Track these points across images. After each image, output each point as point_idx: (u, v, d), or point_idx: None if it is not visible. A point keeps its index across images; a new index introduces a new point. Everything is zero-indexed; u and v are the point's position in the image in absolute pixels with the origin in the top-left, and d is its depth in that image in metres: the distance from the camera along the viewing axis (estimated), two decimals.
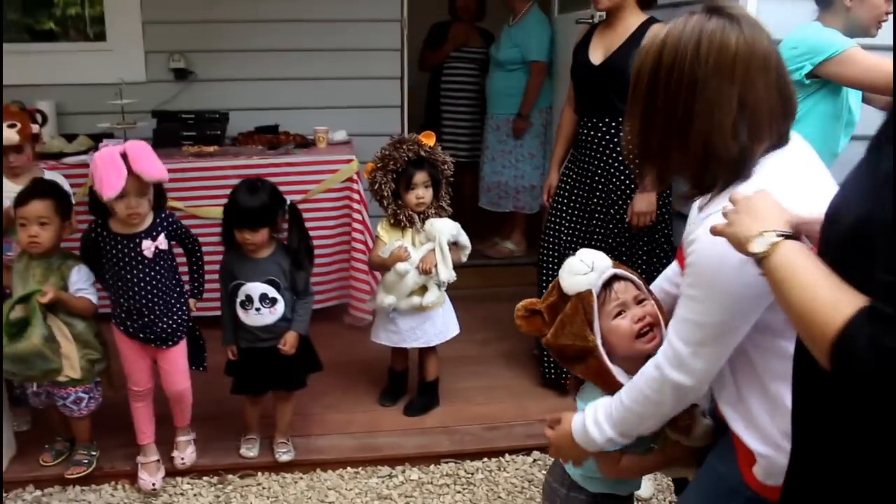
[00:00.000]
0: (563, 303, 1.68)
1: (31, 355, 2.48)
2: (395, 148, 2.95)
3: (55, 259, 2.64)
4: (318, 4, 4.51)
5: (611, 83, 2.93)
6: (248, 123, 4.42)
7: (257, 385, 2.84)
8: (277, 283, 2.70)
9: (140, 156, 2.47)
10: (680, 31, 1.36)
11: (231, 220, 2.69)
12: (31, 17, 6.22)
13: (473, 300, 4.01)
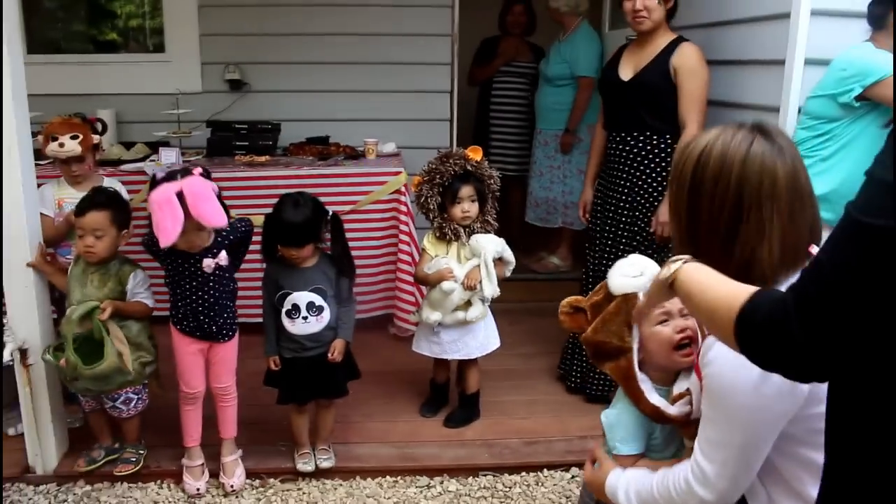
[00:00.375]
0: (607, 302, 1.73)
1: (111, 372, 2.58)
2: (441, 162, 2.98)
3: (113, 264, 2.72)
4: (370, 19, 4.59)
5: (639, 98, 3.13)
6: (299, 134, 4.51)
7: (303, 394, 2.86)
8: (324, 292, 2.74)
9: (198, 200, 2.42)
10: (726, 144, 1.36)
11: (276, 236, 2.72)
12: (96, 28, 6.42)
13: (518, 314, 4.03)
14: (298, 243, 2.68)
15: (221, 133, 4.27)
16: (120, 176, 3.70)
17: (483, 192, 3.01)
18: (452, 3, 4.60)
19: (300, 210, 2.66)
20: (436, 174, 2.97)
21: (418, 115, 4.68)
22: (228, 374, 2.85)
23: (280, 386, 2.86)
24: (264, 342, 2.83)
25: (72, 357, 2.54)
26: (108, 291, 2.69)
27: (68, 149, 3.01)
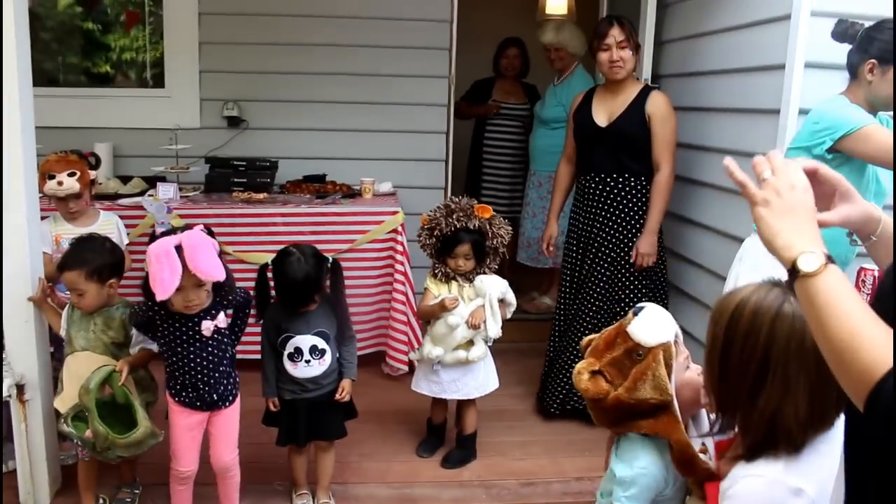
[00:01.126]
0: (630, 357, 1.71)
1: (145, 438, 2.51)
2: (446, 214, 2.99)
3: (115, 309, 2.68)
4: (369, 59, 4.64)
5: (617, 143, 3.39)
6: (296, 172, 4.54)
7: (302, 435, 2.83)
8: (327, 335, 2.74)
9: (196, 253, 2.33)
10: (759, 302, 1.40)
11: (284, 297, 2.71)
12: (89, 60, 6.45)
13: (511, 354, 4.04)
14: (306, 302, 2.69)
15: (220, 169, 4.29)
16: (118, 210, 3.71)
17: (482, 248, 3.03)
18: (450, 45, 4.66)
19: (303, 270, 2.61)
20: (436, 227, 3.00)
21: (414, 154, 4.72)
22: (230, 447, 2.69)
23: (279, 427, 2.83)
24: (262, 383, 2.80)
25: (101, 429, 2.45)
26: (113, 335, 2.65)
27: (67, 187, 3.02)
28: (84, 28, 6.09)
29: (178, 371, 2.56)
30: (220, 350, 2.59)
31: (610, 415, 1.77)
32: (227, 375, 2.63)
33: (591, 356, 1.78)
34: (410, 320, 3.90)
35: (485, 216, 2.99)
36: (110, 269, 2.64)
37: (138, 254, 3.76)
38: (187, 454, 2.63)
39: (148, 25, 5.46)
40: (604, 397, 1.74)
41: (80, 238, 2.75)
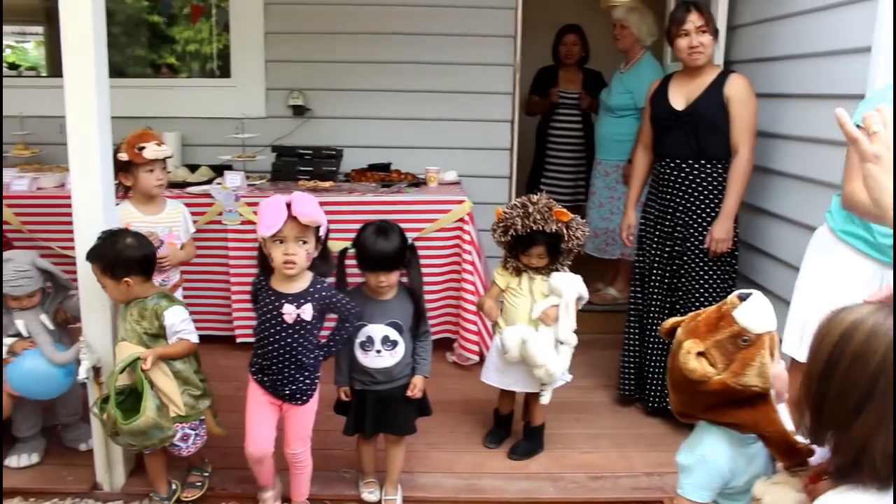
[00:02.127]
0: (735, 342, 1.66)
1: (149, 429, 2.50)
2: (523, 216, 2.90)
3: (150, 300, 2.64)
4: (433, 48, 4.62)
5: (694, 127, 3.32)
6: (361, 160, 4.55)
7: (370, 427, 2.79)
8: (400, 326, 2.69)
9: (301, 202, 2.38)
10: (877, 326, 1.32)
11: (364, 262, 2.63)
12: (155, 53, 6.58)
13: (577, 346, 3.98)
14: (389, 266, 2.61)
15: (286, 158, 4.32)
16: (185, 198, 3.75)
17: (556, 249, 2.96)
18: (515, 32, 4.62)
19: (391, 235, 2.61)
20: (511, 227, 2.92)
21: (479, 143, 4.70)
22: (300, 440, 2.68)
23: (348, 416, 2.82)
24: (335, 371, 2.79)
25: (112, 411, 2.49)
26: (146, 325, 2.63)
27: (161, 150, 3.09)
28: (150, 21, 6.21)
29: (259, 350, 2.60)
30: (299, 344, 2.53)
31: (708, 399, 1.71)
32: (302, 373, 2.58)
33: (691, 336, 1.72)
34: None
35: (563, 220, 2.90)
36: (125, 268, 2.57)
37: (205, 240, 3.86)
38: (256, 433, 2.62)
39: (213, 17, 5.54)
40: (708, 380, 1.68)
41: (106, 232, 2.68)
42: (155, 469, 2.81)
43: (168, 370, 2.63)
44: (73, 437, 3.16)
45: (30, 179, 4.12)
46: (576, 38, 5.19)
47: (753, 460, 1.80)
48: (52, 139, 4.52)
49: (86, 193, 2.69)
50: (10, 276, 2.81)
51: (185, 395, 2.66)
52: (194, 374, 2.70)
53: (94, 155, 2.66)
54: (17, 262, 2.85)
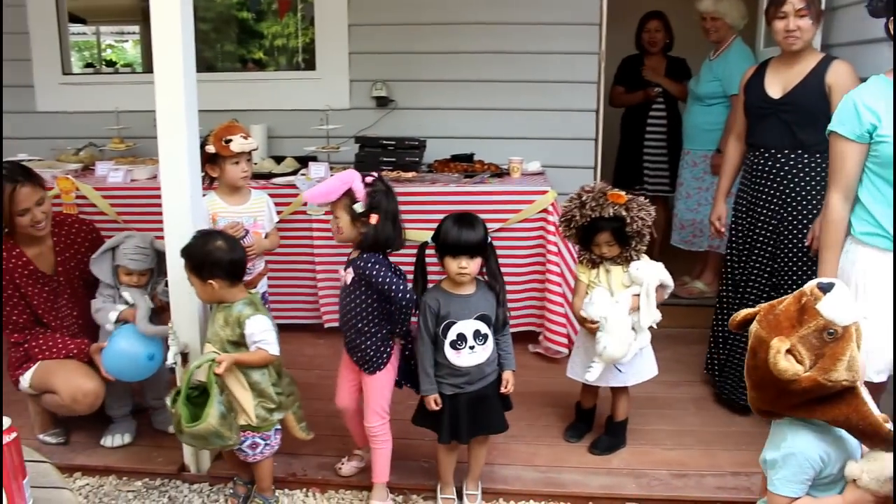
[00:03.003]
0: (821, 336, 1.60)
1: (208, 435, 2.49)
2: (579, 206, 2.86)
3: (235, 307, 2.62)
4: (516, 38, 4.59)
5: (792, 115, 3.18)
6: (444, 151, 4.55)
7: (465, 432, 2.69)
8: (489, 319, 2.64)
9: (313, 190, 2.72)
10: None
11: (446, 247, 2.58)
12: (244, 48, 6.74)
13: (662, 340, 3.85)
14: (471, 251, 2.55)
15: (369, 149, 4.35)
16: (271, 189, 3.82)
17: (622, 233, 2.86)
18: (600, 20, 4.52)
19: (473, 223, 2.57)
20: (571, 219, 2.88)
21: (563, 133, 4.63)
22: (375, 413, 2.75)
23: (439, 424, 2.69)
24: (420, 378, 2.68)
25: (178, 410, 2.51)
26: (229, 333, 2.62)
27: (247, 143, 3.14)
28: (239, 18, 6.36)
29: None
30: (350, 308, 2.68)
31: (795, 398, 1.65)
32: (362, 339, 2.69)
33: (774, 333, 1.65)
34: (565, 304, 3.84)
35: (619, 202, 2.83)
36: (210, 269, 2.58)
37: (290, 230, 3.92)
38: (340, 389, 2.88)
39: (299, 12, 5.63)
40: (798, 378, 1.61)
41: (200, 231, 2.73)
42: (233, 459, 2.85)
43: (244, 380, 2.61)
44: (161, 420, 3.27)
45: (124, 172, 4.27)
46: (659, 24, 5.06)
47: (841, 444, 1.75)
48: (146, 133, 4.68)
49: (174, 184, 2.77)
50: (132, 250, 3.02)
51: (259, 408, 2.63)
52: (271, 387, 2.66)
53: (182, 147, 2.73)
54: (138, 240, 3.08)
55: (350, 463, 3.00)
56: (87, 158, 4.78)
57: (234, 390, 2.61)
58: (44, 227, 3.02)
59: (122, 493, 2.94)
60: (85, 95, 5.13)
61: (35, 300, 3.07)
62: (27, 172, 3.00)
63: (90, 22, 7.51)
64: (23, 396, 3.18)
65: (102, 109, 4.89)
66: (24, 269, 3.03)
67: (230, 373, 2.57)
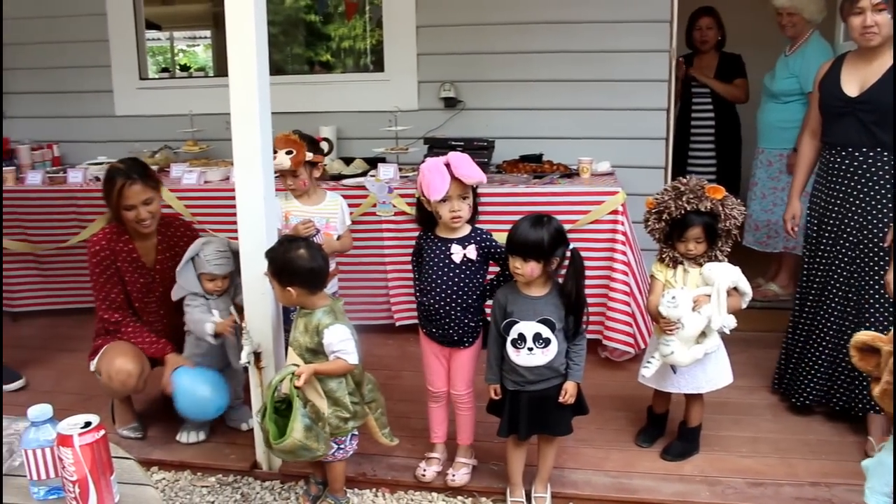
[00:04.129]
0: None
1: (296, 449, 2.50)
2: (675, 197, 2.81)
3: (315, 315, 2.61)
4: (585, 36, 4.54)
5: (870, 114, 3.05)
6: (512, 152, 4.53)
7: (523, 428, 2.71)
8: (552, 324, 2.61)
9: (460, 163, 2.63)
10: None
11: (508, 245, 2.62)
12: (312, 50, 6.83)
13: (736, 344, 3.75)
14: (523, 253, 2.55)
15: (438, 149, 4.35)
16: (341, 190, 3.86)
17: (714, 231, 2.82)
18: (671, 17, 4.45)
19: (540, 227, 2.55)
20: (665, 211, 2.83)
21: (633, 133, 4.57)
22: (464, 382, 2.90)
23: (502, 417, 2.75)
24: (486, 367, 2.76)
25: (266, 425, 2.54)
26: (308, 340, 2.61)
27: (278, 162, 3.13)
28: (307, 21, 6.45)
29: (426, 297, 2.82)
30: (465, 283, 2.76)
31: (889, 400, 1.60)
32: (468, 311, 2.79)
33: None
34: (632, 304, 3.79)
35: (717, 197, 2.78)
36: (290, 276, 2.58)
37: (360, 231, 3.96)
38: (433, 376, 2.95)
39: (367, 14, 5.68)
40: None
41: (285, 237, 2.81)
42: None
43: (320, 388, 2.61)
44: (235, 418, 3.33)
45: (198, 173, 4.37)
46: (711, 21, 4.94)
47: None
48: (218, 135, 4.79)
49: (248, 185, 2.81)
50: (213, 255, 3.05)
51: (333, 417, 2.62)
52: (347, 397, 2.64)
53: (256, 148, 2.76)
54: (217, 243, 3.09)
55: (431, 468, 2.98)
56: (162, 160, 4.91)
57: (310, 396, 2.61)
58: (148, 225, 3.09)
59: (196, 488, 3.01)
60: (160, 99, 5.27)
61: (130, 286, 3.17)
62: (143, 171, 3.08)
63: (164, 28, 7.71)
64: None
65: (177, 113, 5.03)
66: (129, 256, 3.13)
67: (308, 382, 2.57)
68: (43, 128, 5.43)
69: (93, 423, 1.56)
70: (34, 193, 4.55)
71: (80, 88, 5.35)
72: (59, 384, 3.87)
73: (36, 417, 1.61)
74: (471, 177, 2.63)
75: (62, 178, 4.61)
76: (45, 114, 5.45)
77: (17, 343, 4.44)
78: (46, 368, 4.10)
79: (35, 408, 1.63)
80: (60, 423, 1.57)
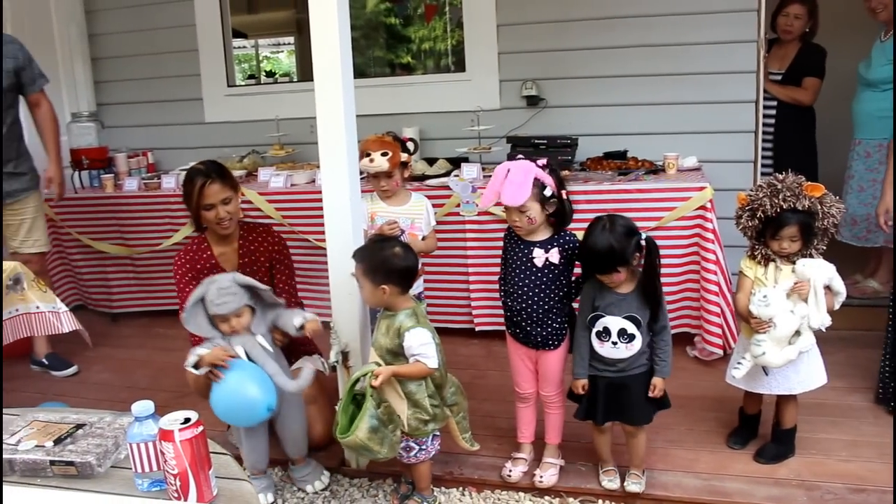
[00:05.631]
0: None
1: (357, 448, 2.54)
2: (770, 195, 2.72)
3: (398, 317, 2.62)
4: (668, 29, 4.45)
5: None
6: (596, 149, 4.48)
7: (600, 413, 2.77)
8: (638, 321, 2.62)
9: (507, 180, 2.65)
10: None
11: (585, 262, 2.68)
12: (393, 53, 6.90)
13: (833, 343, 3.63)
14: (604, 269, 2.60)
15: (521, 148, 4.34)
16: (425, 191, 3.88)
17: (810, 229, 2.72)
18: (758, 5, 4.31)
19: (605, 237, 2.55)
20: (759, 208, 2.74)
21: (720, 127, 4.44)
22: (552, 384, 2.89)
23: (580, 401, 2.80)
24: (574, 361, 2.77)
25: (338, 417, 2.59)
26: (389, 342, 2.62)
27: (376, 164, 3.17)
28: (387, 23, 6.51)
29: (509, 299, 2.81)
30: (546, 286, 2.74)
31: None
32: (551, 316, 2.77)
33: None
34: (721, 303, 3.70)
35: (815, 195, 2.67)
36: (385, 275, 2.59)
37: (443, 231, 3.98)
38: (521, 378, 2.94)
39: (446, 14, 5.70)
40: None
41: (378, 237, 2.85)
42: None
43: (400, 390, 2.62)
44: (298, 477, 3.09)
45: (284, 177, 4.47)
46: (802, 9, 4.60)
47: None
48: (303, 139, 4.90)
49: (334, 186, 2.85)
50: (214, 295, 2.67)
51: (413, 419, 2.64)
52: (426, 399, 2.65)
53: (342, 151, 2.81)
54: (219, 282, 2.71)
55: (517, 468, 2.98)
56: (250, 165, 5.04)
57: (390, 398, 2.63)
58: (227, 225, 3.13)
59: (286, 484, 3.06)
60: (247, 105, 5.41)
61: None
62: (221, 171, 3.15)
63: (250, 36, 7.91)
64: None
65: (263, 118, 5.16)
66: (207, 263, 3.16)
67: (388, 383, 2.60)
68: (138, 136, 5.65)
69: (192, 419, 1.62)
70: (131, 199, 4.75)
71: (172, 97, 5.55)
72: (156, 382, 4.02)
73: (139, 413, 1.68)
74: (506, 196, 2.64)
75: (156, 184, 4.79)
76: (140, 122, 5.67)
77: (118, 343, 4.68)
78: (144, 367, 4.28)
79: (138, 404, 1.69)
80: (162, 419, 1.64)
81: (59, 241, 4.91)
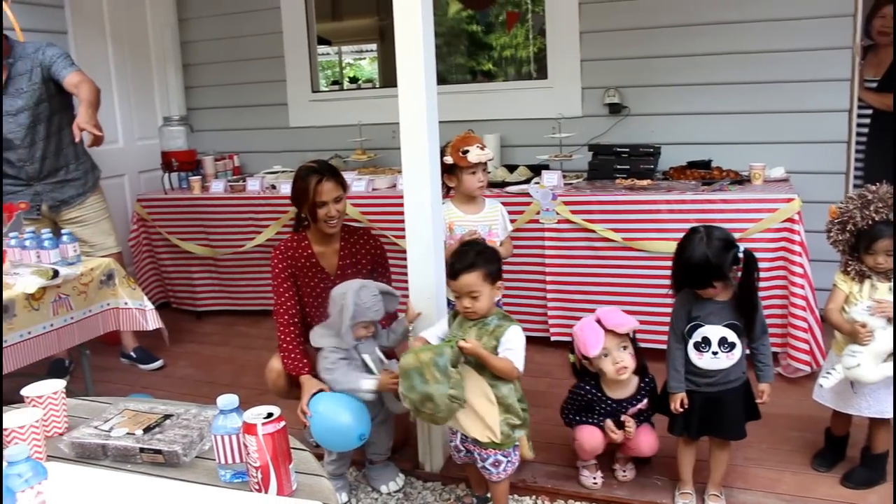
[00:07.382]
0: None
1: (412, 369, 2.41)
2: (861, 206, 2.62)
3: (491, 320, 2.59)
4: (757, 36, 4.35)
5: None
6: (680, 158, 4.40)
7: (695, 427, 2.69)
8: (738, 328, 2.57)
9: (609, 316, 2.72)
10: None
11: (682, 275, 2.62)
12: (474, 60, 6.92)
13: None
14: (702, 285, 2.56)
15: (602, 156, 4.30)
16: (504, 198, 3.87)
17: None
18: (854, 10, 4.16)
19: (702, 250, 2.50)
20: (849, 221, 2.64)
21: (810, 137, 4.31)
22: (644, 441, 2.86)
23: (676, 416, 2.72)
24: (669, 375, 2.70)
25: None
26: (485, 341, 2.56)
27: (486, 152, 3.22)
28: (469, 31, 6.55)
29: None
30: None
31: None
32: None
33: None
34: (809, 319, 3.58)
35: None
36: (497, 271, 2.60)
37: (523, 239, 3.97)
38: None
39: (528, 22, 5.69)
40: None
41: (469, 242, 2.81)
42: (475, 475, 2.84)
43: (492, 394, 2.54)
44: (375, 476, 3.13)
45: (366, 181, 4.53)
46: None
47: None
48: (385, 144, 4.96)
49: (416, 191, 2.87)
50: (370, 302, 2.74)
51: (504, 424, 2.56)
52: (517, 403, 2.60)
53: (424, 157, 2.83)
54: (369, 287, 2.76)
55: (597, 474, 2.97)
56: None
57: (480, 404, 2.53)
58: (335, 224, 3.13)
59: (360, 484, 3.09)
60: (330, 111, 5.51)
61: (304, 289, 3.17)
62: (333, 170, 3.18)
63: (333, 43, 8.06)
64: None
65: (346, 123, 5.24)
66: (308, 262, 3.16)
67: (477, 383, 2.52)
68: (225, 140, 5.82)
69: (275, 414, 1.66)
70: (217, 201, 4.89)
71: (258, 102, 5.70)
72: (236, 379, 4.14)
73: (224, 406, 1.73)
74: (623, 325, 2.68)
75: (241, 187, 4.92)
76: (227, 126, 5.84)
77: (202, 339, 4.84)
78: (227, 363, 4.40)
79: (223, 397, 1.74)
80: (246, 413, 1.68)
81: (148, 240, 5.10)
